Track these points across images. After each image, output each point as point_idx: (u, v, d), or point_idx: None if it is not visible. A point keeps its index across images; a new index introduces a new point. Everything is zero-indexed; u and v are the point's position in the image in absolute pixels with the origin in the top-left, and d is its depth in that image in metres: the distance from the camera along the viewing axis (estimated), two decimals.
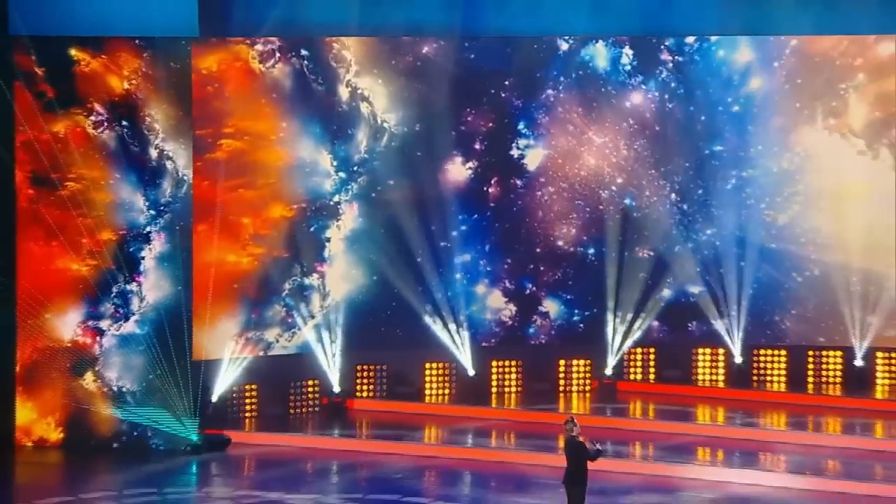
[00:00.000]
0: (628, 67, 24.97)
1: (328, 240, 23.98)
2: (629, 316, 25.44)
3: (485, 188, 25.01)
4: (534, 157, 25.03)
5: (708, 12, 24.44)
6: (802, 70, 25.05)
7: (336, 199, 24.08)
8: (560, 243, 25.27)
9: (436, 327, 25.07)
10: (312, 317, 23.95)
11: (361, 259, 24.31)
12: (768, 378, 25.36)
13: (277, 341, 23.58)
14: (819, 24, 24.18)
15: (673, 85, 25.34)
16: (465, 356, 24.87)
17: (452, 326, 25.16)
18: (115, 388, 21.70)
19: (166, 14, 21.65)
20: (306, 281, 23.88)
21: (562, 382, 24.99)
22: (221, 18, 22.50)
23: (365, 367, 24.29)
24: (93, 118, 21.99)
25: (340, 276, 24.06)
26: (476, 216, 25.06)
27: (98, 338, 21.91)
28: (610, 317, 25.34)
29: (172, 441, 21.63)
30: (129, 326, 21.98)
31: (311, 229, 23.84)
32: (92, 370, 21.76)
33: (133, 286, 21.95)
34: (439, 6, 23.82)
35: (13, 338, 21.45)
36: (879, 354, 24.50)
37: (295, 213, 23.64)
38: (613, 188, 25.41)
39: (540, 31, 24.60)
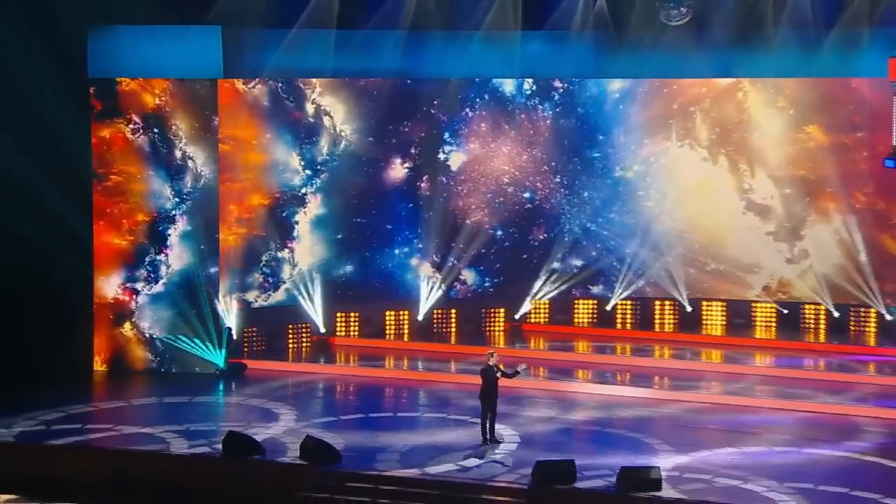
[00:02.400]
0: (528, 92, 27.51)
1: (297, 223, 26.31)
2: (528, 280, 28.05)
3: (418, 183, 27.41)
4: (456, 160, 27.59)
5: (587, 61, 27.18)
6: (661, 95, 27.73)
7: (303, 191, 26.35)
8: (475, 227, 27.77)
9: (386, 287, 27.17)
10: (284, 282, 26.15)
11: (323, 238, 26.65)
12: (628, 321, 28.34)
13: (256, 301, 25.69)
14: (664, 70, 26.98)
15: (563, 105, 27.94)
16: (418, 306, 27.16)
17: (400, 287, 27.18)
18: (147, 335, 24.18)
19: (198, 59, 24.26)
20: (279, 255, 26.16)
21: (484, 325, 27.88)
22: (237, 63, 24.84)
23: (342, 313, 26.78)
24: (131, 126, 24.31)
25: (306, 251, 26.46)
26: (411, 205, 27.45)
27: (134, 296, 24.31)
28: (515, 280, 27.97)
29: (205, 366, 24.16)
30: (158, 287, 24.34)
31: (283, 214, 26.09)
32: (129, 321, 24.25)
33: (161, 257, 24.36)
34: (392, 56, 25.99)
35: (91, 289, 23.75)
36: (704, 304, 27.76)
37: (270, 202, 25.86)
38: (516, 184, 28.04)
39: (466, 74, 27.05)
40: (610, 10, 25.84)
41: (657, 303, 28.08)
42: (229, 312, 25.14)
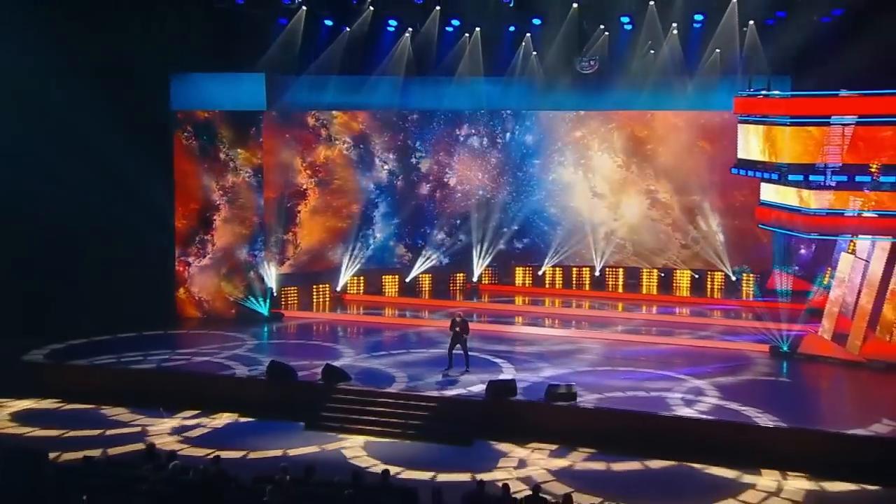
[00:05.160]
0: (482, 112, 30.53)
1: (299, 211, 28.96)
2: (482, 255, 30.84)
3: (395, 182, 30.30)
4: (424, 164, 30.58)
5: (528, 98, 29.61)
6: (585, 118, 30.55)
7: (304, 186, 29.01)
8: (438, 217, 30.78)
9: (370, 260, 29.91)
10: (288, 259, 28.58)
11: (320, 224, 29.27)
12: (554, 282, 31.18)
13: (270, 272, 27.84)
14: (583, 104, 29.99)
15: (510, 124, 30.73)
16: (403, 272, 30.19)
17: (380, 261, 30.03)
18: (196, 297, 26.88)
19: (248, 97, 26.80)
20: (284, 237, 28.74)
21: (451, 285, 30.97)
22: (276, 98, 27.28)
23: (352, 277, 29.65)
24: (186, 134, 26.76)
25: (307, 233, 29.10)
26: (389, 199, 30.33)
27: (187, 267, 27.02)
28: (471, 256, 30.82)
29: (254, 315, 26.73)
30: (206, 261, 27.01)
31: (288, 205, 28.74)
32: (183, 286, 27.02)
33: (208, 237, 26.98)
34: (388, 95, 28.48)
35: (174, 257, 26.49)
36: (608, 270, 30.92)
37: (277, 195, 28.36)
38: (471, 185, 30.94)
39: (441, 107, 29.73)
40: (542, 63, 28.50)
41: (574, 269, 30.95)
42: (271, 276, 27.79)
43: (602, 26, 27.82)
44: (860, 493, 16.45)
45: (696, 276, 30.32)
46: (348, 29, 27.49)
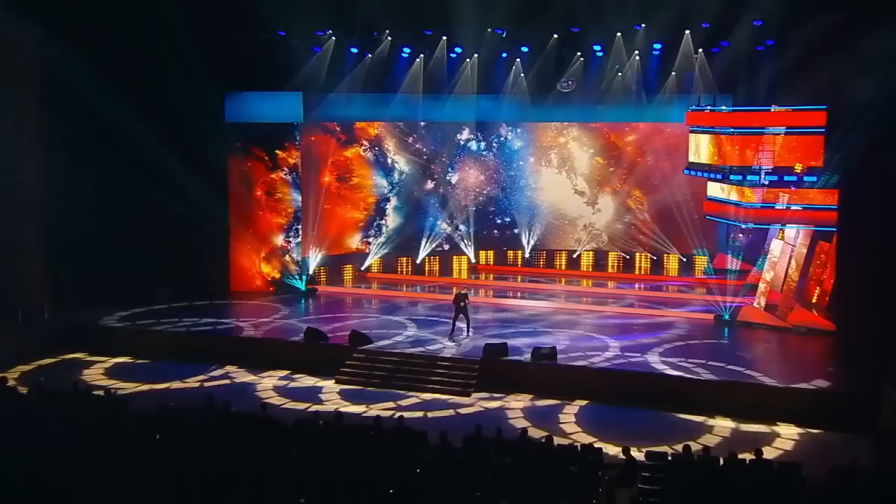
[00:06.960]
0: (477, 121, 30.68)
1: (325, 204, 28.95)
2: (479, 241, 31.00)
3: (404, 179, 30.17)
4: (430, 164, 30.50)
5: (516, 112, 29.79)
6: (563, 125, 30.46)
7: (329, 182, 29.10)
8: (441, 209, 30.73)
9: (397, 246, 30.36)
10: (317, 244, 28.52)
11: (341, 214, 29.56)
12: (540, 263, 31.27)
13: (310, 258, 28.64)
14: (564, 117, 29.96)
15: (502, 133, 30.87)
16: (416, 254, 30.41)
17: (398, 245, 30.33)
18: (243, 276, 27.13)
19: (288, 111, 27.37)
20: (314, 224, 28.51)
21: (454, 265, 30.96)
22: (311, 111, 27.70)
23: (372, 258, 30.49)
24: (237, 141, 26.94)
25: (333, 222, 29.17)
26: (400, 193, 30.39)
27: (236, 250, 27.23)
28: (470, 242, 31.01)
29: (293, 290, 27.25)
30: (250, 246, 27.20)
31: (317, 198, 28.67)
32: (233, 267, 27.15)
33: (254, 225, 27.26)
34: (402, 109, 28.74)
35: (227, 244, 26.97)
36: (584, 254, 30.94)
37: (309, 190, 28.22)
38: (469, 182, 30.88)
39: (447, 118, 29.65)
40: (528, 82, 28.48)
41: (556, 252, 31.21)
42: (309, 257, 28.43)
43: (578, 53, 28.10)
44: (805, 435, 16.63)
45: (654, 258, 30.67)
46: (370, 55, 27.86)
